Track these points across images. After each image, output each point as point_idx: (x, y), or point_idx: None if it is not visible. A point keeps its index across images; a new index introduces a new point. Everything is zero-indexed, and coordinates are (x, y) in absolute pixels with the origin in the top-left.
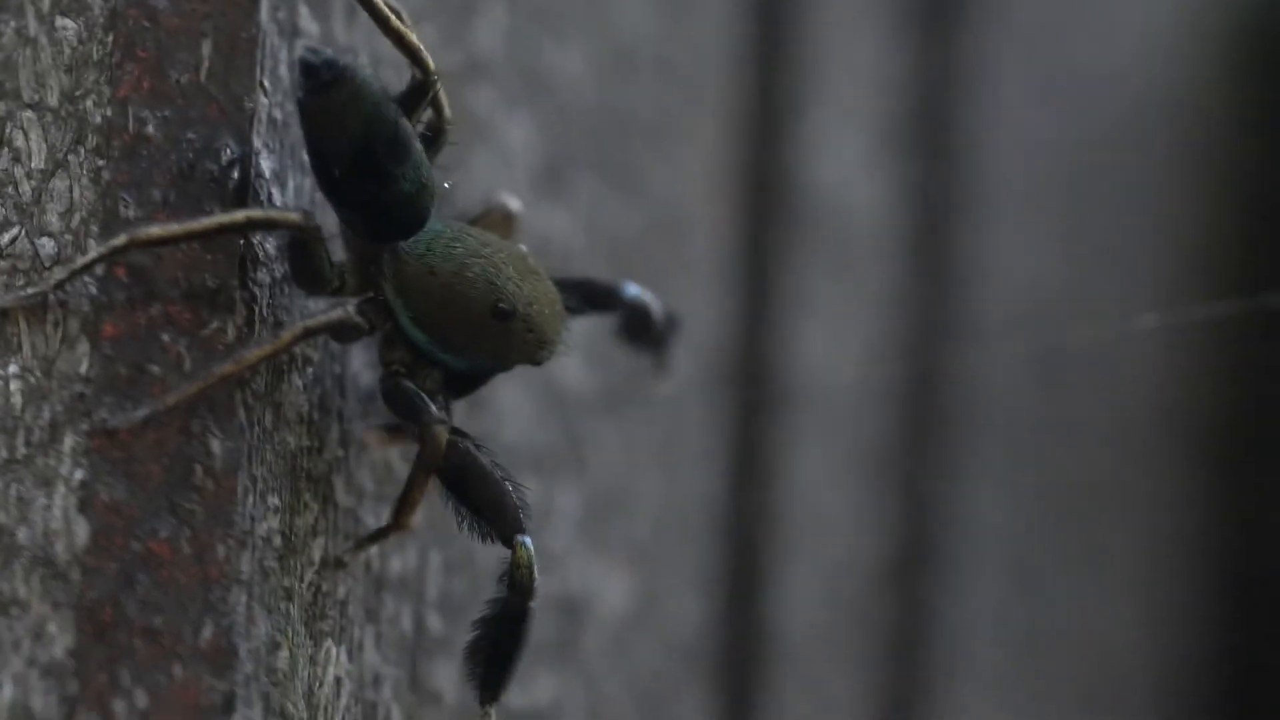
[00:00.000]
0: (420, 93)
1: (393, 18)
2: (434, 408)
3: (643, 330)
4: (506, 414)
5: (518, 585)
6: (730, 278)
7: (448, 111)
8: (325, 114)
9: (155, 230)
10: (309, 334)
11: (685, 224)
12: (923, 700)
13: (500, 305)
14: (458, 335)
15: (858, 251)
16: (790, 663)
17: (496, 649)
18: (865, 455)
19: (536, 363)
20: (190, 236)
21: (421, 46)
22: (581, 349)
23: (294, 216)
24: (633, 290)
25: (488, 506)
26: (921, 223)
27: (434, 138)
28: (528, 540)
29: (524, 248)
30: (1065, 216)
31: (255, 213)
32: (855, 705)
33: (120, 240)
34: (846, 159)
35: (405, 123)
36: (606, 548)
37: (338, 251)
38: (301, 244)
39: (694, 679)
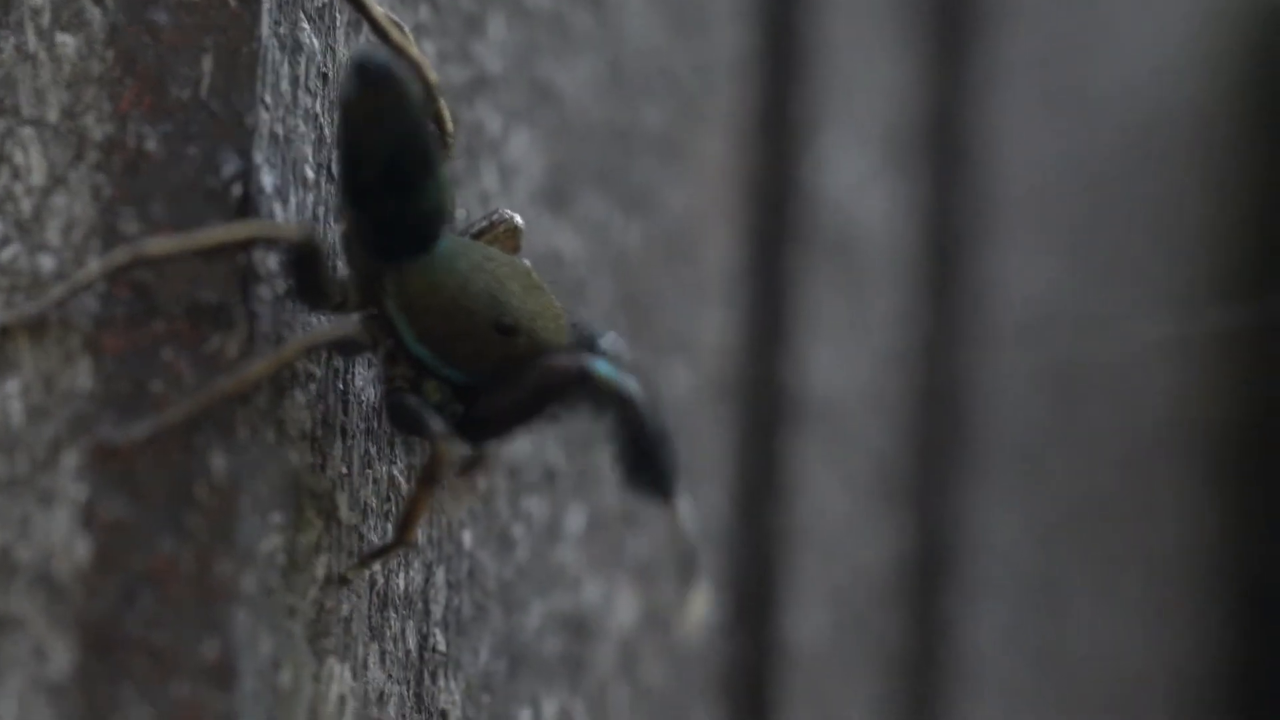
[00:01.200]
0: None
1: (394, 31)
2: (440, 422)
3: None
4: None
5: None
6: (739, 294)
7: (450, 125)
8: (369, 115)
9: (158, 246)
10: (311, 349)
11: (693, 240)
12: (935, 717)
13: (504, 320)
14: (461, 350)
15: (868, 267)
16: (801, 679)
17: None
18: (876, 471)
19: None
20: (193, 252)
21: (424, 60)
22: None
23: (296, 232)
24: (611, 340)
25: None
26: (932, 238)
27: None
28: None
29: (527, 263)
30: (1077, 231)
31: (258, 228)
32: None
33: (123, 256)
34: (856, 174)
35: (434, 137)
36: (615, 564)
37: (340, 267)
38: (304, 259)
39: (703, 696)
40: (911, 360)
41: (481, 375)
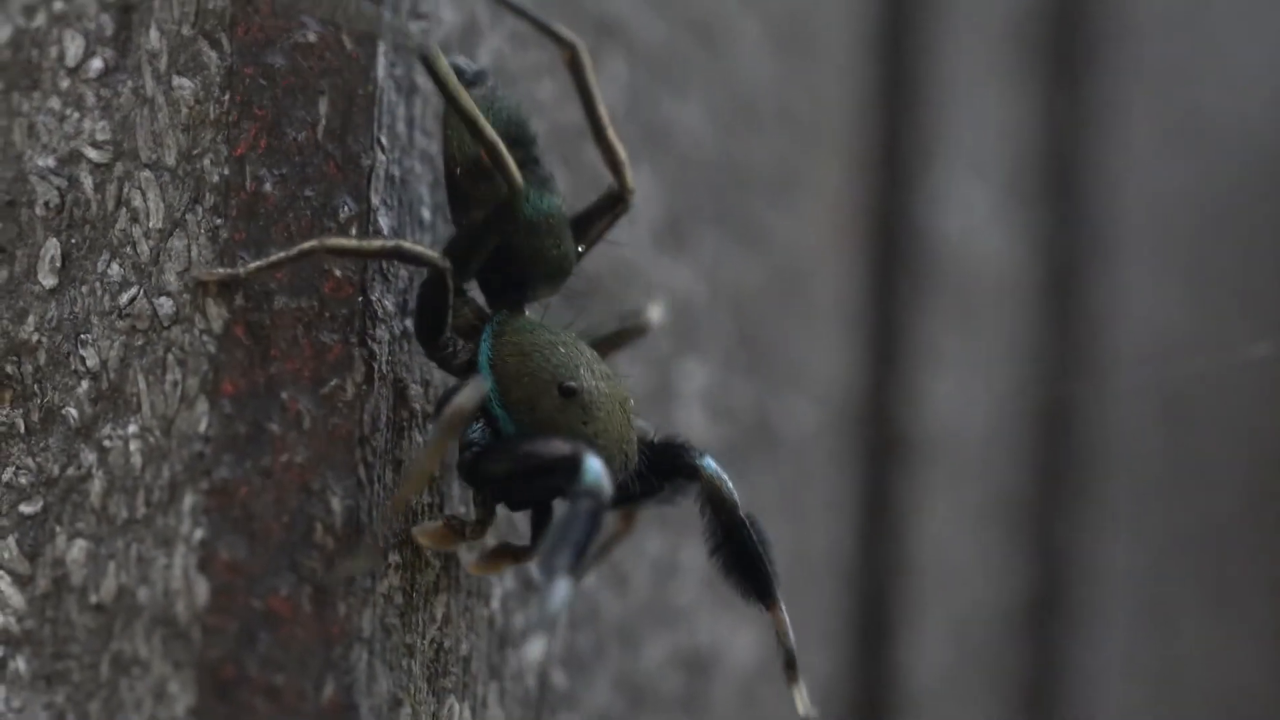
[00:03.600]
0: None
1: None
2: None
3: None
4: None
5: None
6: (856, 328)
7: (629, 181)
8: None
9: (335, 241)
10: (461, 422)
11: (810, 275)
12: None
13: (568, 384)
14: (515, 395)
15: (985, 300)
16: (921, 713)
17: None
18: (994, 503)
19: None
20: (361, 254)
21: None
22: (704, 401)
23: (441, 259)
24: (711, 461)
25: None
26: (1049, 270)
27: (611, 205)
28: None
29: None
30: (1194, 260)
31: (410, 245)
32: None
33: (311, 244)
34: (973, 207)
35: (539, 151)
36: (734, 601)
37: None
38: (436, 285)
39: None
40: (1029, 392)
41: (523, 427)
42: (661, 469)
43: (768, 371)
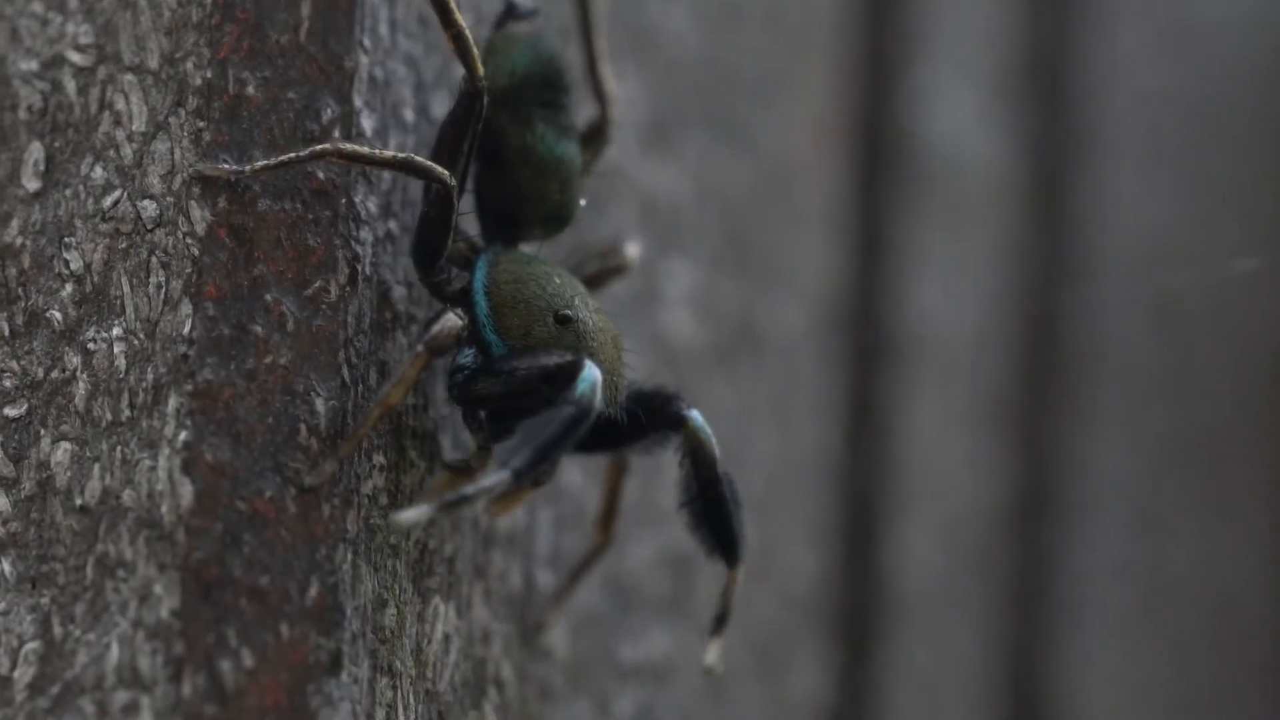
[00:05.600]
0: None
1: None
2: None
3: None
4: None
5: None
6: (843, 230)
7: (614, 115)
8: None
9: (349, 147)
10: (433, 354)
11: (795, 177)
12: (1045, 649)
13: (564, 312)
14: (509, 321)
15: (972, 201)
16: (909, 614)
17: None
18: (982, 405)
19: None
20: (372, 162)
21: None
22: (690, 304)
23: (445, 172)
24: (698, 415)
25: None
26: (1036, 173)
27: (593, 138)
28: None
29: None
30: (1183, 164)
31: (420, 160)
32: (976, 656)
33: (324, 146)
34: (959, 109)
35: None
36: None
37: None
38: (441, 202)
39: (811, 632)
40: (1016, 294)
41: (516, 353)
42: (647, 416)
43: (754, 274)
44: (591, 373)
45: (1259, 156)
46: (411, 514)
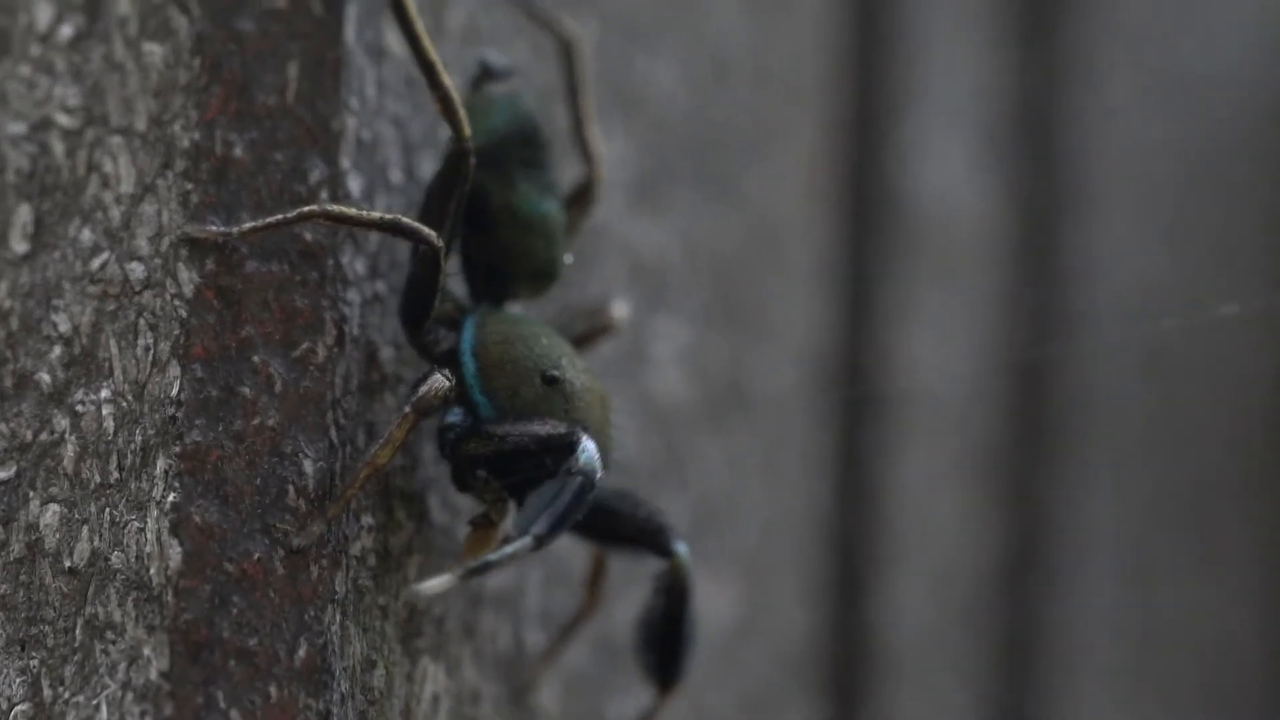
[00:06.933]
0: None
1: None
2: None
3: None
4: None
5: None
6: (832, 285)
7: (601, 174)
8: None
9: (336, 208)
10: (421, 415)
11: (784, 232)
12: (1036, 703)
13: (550, 372)
14: (497, 382)
15: (961, 256)
16: (900, 670)
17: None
18: (972, 457)
19: None
20: (360, 223)
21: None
22: (679, 362)
23: (432, 233)
24: (684, 554)
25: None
26: (1026, 225)
27: (581, 197)
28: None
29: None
30: (1173, 217)
31: (408, 221)
32: (967, 710)
33: (311, 208)
34: (948, 163)
35: (548, 157)
36: (711, 559)
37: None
38: (428, 263)
39: (802, 689)
40: (1007, 346)
41: (504, 413)
42: (636, 534)
43: (743, 330)
44: (589, 446)
45: (1249, 209)
46: (436, 584)
